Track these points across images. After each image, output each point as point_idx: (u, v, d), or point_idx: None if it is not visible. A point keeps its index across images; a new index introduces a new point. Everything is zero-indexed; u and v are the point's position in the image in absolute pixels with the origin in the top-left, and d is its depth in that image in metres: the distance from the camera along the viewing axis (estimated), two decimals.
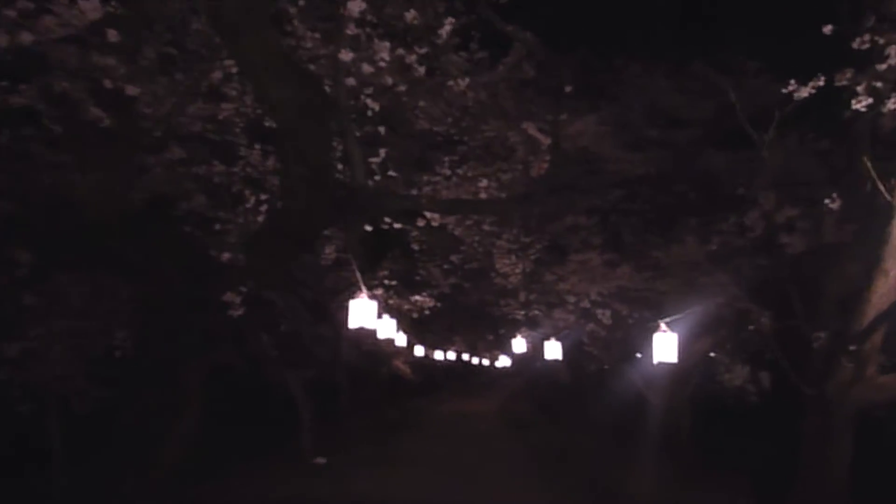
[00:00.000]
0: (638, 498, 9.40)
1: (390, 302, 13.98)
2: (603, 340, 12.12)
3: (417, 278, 14.23)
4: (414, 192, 7.67)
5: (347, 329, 14.26)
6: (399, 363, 21.94)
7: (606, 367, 15.91)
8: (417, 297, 14.04)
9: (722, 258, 9.26)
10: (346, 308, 7.58)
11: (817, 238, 6.16)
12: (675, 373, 10.22)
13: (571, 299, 10.28)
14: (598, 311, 10.21)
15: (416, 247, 12.33)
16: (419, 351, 21.77)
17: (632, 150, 11.21)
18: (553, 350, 12.44)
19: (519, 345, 16.04)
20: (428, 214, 7.99)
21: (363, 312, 7.76)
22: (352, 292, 7.64)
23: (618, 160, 11.22)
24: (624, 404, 13.58)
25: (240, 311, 4.98)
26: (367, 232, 13.96)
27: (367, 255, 14.51)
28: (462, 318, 25.09)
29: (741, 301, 8.83)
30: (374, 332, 12.42)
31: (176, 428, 5.00)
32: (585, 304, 10.17)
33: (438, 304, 14.62)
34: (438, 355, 26.13)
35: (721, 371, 9.59)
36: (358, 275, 6.43)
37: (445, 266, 13.81)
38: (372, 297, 7.99)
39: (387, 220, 7.63)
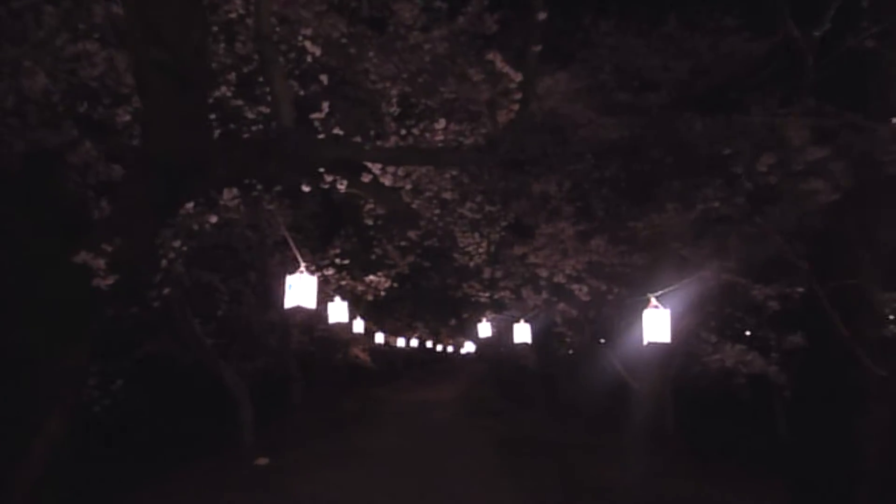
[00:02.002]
0: (624, 491, 8.45)
1: (343, 283, 12.78)
2: (575, 321, 11.13)
3: (373, 257, 13.05)
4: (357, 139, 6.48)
5: (298, 313, 13.20)
6: (357, 351, 20.80)
7: (571, 351, 15.05)
8: (372, 277, 12.86)
9: (708, 225, 8.36)
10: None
11: (868, 174, 5.03)
12: (659, 355, 9.27)
13: (544, 274, 9.22)
14: (575, 287, 9.17)
15: (370, 222, 11.16)
16: (379, 338, 20.70)
17: (604, 114, 10.37)
18: (522, 333, 11.52)
19: (484, 329, 15.18)
20: (376, 170, 6.81)
21: (302, 289, 6.69)
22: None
23: (589, 124, 10.39)
24: (600, 390, 12.71)
25: (108, 281, 3.76)
26: (316, 205, 12.80)
27: (316, 232, 13.31)
28: (424, 302, 24.06)
29: (731, 272, 7.91)
30: (325, 317, 11.28)
31: (36, 437, 3.77)
32: (560, 278, 9.13)
33: (395, 285, 13.47)
34: (400, 342, 25.07)
35: (708, 351, 8.63)
36: (291, 242, 5.26)
37: (402, 243, 12.66)
38: (312, 271, 6.89)
39: (328, 179, 6.43)
